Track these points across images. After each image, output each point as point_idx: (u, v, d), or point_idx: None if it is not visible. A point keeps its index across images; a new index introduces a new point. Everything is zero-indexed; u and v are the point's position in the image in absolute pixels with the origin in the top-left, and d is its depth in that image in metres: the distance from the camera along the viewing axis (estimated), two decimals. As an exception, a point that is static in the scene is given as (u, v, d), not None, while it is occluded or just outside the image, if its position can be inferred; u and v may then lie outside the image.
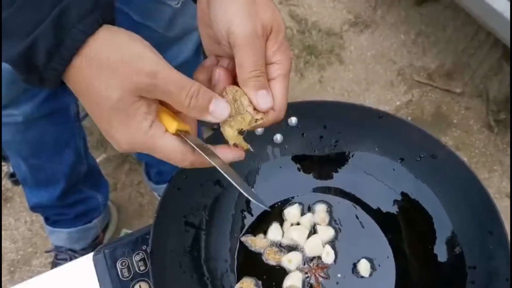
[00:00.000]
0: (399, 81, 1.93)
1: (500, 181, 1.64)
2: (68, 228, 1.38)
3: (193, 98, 0.47)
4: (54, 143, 1.18)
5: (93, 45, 0.45)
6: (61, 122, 1.17)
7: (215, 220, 0.71)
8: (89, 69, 0.45)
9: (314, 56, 2.01)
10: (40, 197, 1.30)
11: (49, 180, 1.25)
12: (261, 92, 0.50)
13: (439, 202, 0.68)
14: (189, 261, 0.66)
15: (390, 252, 0.69)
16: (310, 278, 0.68)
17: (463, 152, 1.71)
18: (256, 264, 0.69)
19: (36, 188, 1.28)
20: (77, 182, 1.29)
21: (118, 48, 0.45)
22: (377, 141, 0.73)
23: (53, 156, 1.21)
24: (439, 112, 1.84)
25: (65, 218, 1.37)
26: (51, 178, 1.25)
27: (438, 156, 0.69)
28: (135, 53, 0.45)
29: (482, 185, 0.62)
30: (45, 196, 1.29)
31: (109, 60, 0.44)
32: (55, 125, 1.16)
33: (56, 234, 1.40)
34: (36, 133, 1.13)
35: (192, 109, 0.47)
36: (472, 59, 1.96)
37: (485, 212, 0.61)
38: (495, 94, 1.84)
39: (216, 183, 0.72)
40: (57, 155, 1.21)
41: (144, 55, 0.45)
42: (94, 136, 1.79)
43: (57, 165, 1.23)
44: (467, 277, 0.61)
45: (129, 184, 1.70)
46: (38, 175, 1.24)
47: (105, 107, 0.45)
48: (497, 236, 0.59)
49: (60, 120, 1.16)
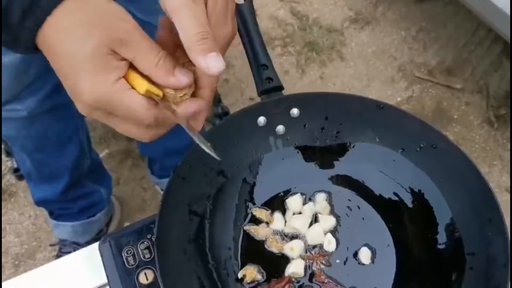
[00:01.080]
0: (399, 77, 1.95)
1: (500, 176, 1.65)
2: (72, 222, 1.39)
3: (161, 59, 0.47)
4: (57, 138, 1.19)
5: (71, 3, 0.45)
6: (65, 117, 1.18)
7: (219, 209, 0.72)
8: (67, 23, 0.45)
9: (315, 53, 2.02)
10: (44, 191, 1.31)
11: (53, 174, 1.26)
12: (211, 55, 0.46)
13: (439, 191, 0.69)
14: (194, 249, 0.67)
15: (390, 240, 0.70)
16: (312, 266, 0.69)
17: (463, 147, 1.71)
18: (259, 252, 0.70)
19: (40, 182, 1.30)
20: (80, 176, 1.31)
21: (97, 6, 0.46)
22: (378, 132, 0.74)
23: (56, 151, 1.22)
24: (439, 107, 1.85)
25: (69, 212, 1.38)
26: (54, 172, 1.26)
27: (438, 146, 0.70)
28: (116, 12, 0.47)
29: (481, 174, 0.63)
30: (49, 191, 1.30)
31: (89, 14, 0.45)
32: (59, 120, 1.17)
33: (60, 227, 1.41)
34: (40, 128, 1.14)
35: (159, 69, 0.47)
36: (472, 55, 1.97)
37: (484, 200, 0.62)
38: (495, 89, 1.85)
39: (220, 173, 0.74)
40: (60, 150, 1.22)
41: (124, 16, 0.47)
42: (97, 132, 1.80)
43: (61, 159, 1.24)
44: (466, 263, 0.62)
45: (132, 179, 1.72)
46: (42, 169, 1.26)
47: (76, 59, 0.45)
48: (496, 223, 0.60)
49: (63, 115, 1.17)
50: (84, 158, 1.28)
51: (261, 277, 0.68)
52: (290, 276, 0.68)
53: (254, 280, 0.68)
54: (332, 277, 0.68)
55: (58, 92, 1.09)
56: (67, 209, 1.37)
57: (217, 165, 0.73)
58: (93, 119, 0.52)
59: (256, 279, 0.68)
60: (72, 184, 1.29)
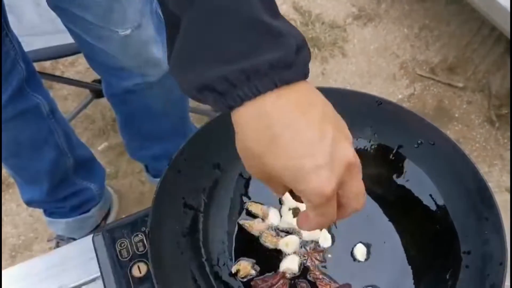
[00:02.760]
0: (401, 74, 1.93)
1: (500, 175, 1.64)
2: (65, 218, 1.38)
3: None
4: (30, 143, 1.15)
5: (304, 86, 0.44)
6: (34, 122, 1.13)
7: (214, 203, 0.71)
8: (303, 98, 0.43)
9: (317, 49, 2.01)
10: (31, 193, 1.28)
11: (33, 178, 1.23)
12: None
13: (437, 189, 0.68)
14: (188, 242, 0.67)
15: (387, 237, 0.70)
16: (307, 261, 0.68)
17: (463, 146, 1.71)
18: (254, 247, 0.70)
19: (25, 185, 1.28)
20: (66, 175, 1.27)
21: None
22: (375, 128, 0.73)
23: (32, 155, 1.17)
24: (441, 106, 1.84)
25: (61, 211, 1.37)
26: (34, 176, 1.22)
27: (436, 143, 0.69)
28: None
29: (479, 172, 0.63)
30: (36, 192, 1.27)
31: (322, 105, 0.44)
32: (28, 125, 1.12)
33: (54, 224, 1.40)
34: (10, 134, 1.10)
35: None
36: (475, 54, 1.95)
37: (481, 198, 0.62)
38: (497, 88, 1.84)
39: (216, 166, 0.73)
40: (36, 153, 1.18)
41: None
42: (96, 124, 1.80)
43: (38, 163, 1.19)
44: (461, 261, 0.61)
45: (130, 173, 1.71)
46: (21, 174, 1.23)
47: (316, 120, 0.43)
48: (492, 222, 0.59)
49: (32, 120, 1.12)
50: (64, 158, 1.24)
51: (255, 272, 0.68)
52: (284, 272, 0.67)
53: (248, 275, 0.67)
54: (326, 274, 0.67)
55: (19, 97, 1.04)
56: (58, 208, 1.35)
57: (213, 159, 0.72)
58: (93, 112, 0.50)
59: (250, 274, 0.67)
60: (57, 184, 1.26)
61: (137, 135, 1.39)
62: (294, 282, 0.67)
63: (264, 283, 0.66)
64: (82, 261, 0.80)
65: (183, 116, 1.37)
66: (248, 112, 0.42)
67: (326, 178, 0.41)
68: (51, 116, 1.16)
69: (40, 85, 1.13)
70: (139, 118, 1.31)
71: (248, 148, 0.44)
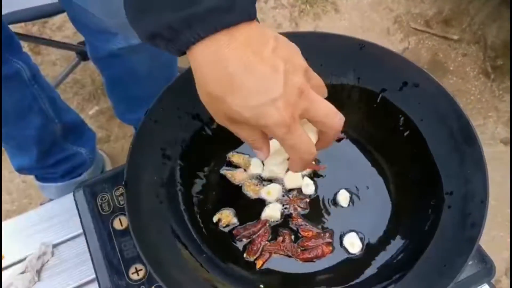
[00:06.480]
0: (395, 28, 1.89)
1: (495, 127, 1.62)
2: (57, 183, 1.37)
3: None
4: (14, 110, 1.12)
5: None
6: (16, 89, 1.09)
7: (194, 154, 0.70)
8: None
9: (309, 5, 1.96)
10: (21, 160, 1.28)
11: (22, 145, 1.22)
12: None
13: (420, 130, 0.67)
14: (167, 193, 0.65)
15: (370, 182, 0.68)
16: (289, 209, 0.67)
17: (458, 98, 1.68)
18: (236, 197, 0.69)
19: (14, 153, 1.26)
20: (55, 141, 1.26)
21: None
22: (359, 72, 0.71)
23: (18, 123, 1.15)
24: (435, 59, 1.81)
25: (53, 176, 1.36)
26: (22, 143, 1.21)
27: (420, 85, 0.67)
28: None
29: (461, 109, 0.61)
30: (25, 159, 1.26)
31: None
32: (10, 93, 1.08)
33: (46, 188, 1.39)
34: None
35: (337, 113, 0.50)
36: (470, 6, 1.91)
37: (463, 136, 0.60)
38: (493, 40, 1.80)
39: (195, 117, 0.71)
40: (22, 121, 1.15)
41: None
42: (86, 88, 1.77)
43: (25, 130, 1.18)
44: (444, 202, 0.60)
45: (122, 136, 1.70)
46: (9, 142, 1.22)
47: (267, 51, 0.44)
48: (475, 159, 0.58)
49: (13, 87, 1.08)
50: (51, 124, 1.21)
51: (236, 220, 0.67)
52: (266, 220, 0.66)
53: (230, 223, 0.66)
54: (309, 220, 0.66)
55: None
56: (49, 173, 1.35)
57: (192, 109, 0.70)
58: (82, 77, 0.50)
59: (231, 223, 0.67)
60: (46, 150, 1.25)
61: (124, 98, 1.37)
62: (276, 230, 0.66)
63: (245, 231, 0.65)
64: (66, 218, 0.80)
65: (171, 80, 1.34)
66: (203, 56, 0.44)
67: (283, 108, 0.43)
68: (33, 82, 1.13)
69: (20, 49, 1.10)
70: (126, 82, 1.28)
71: (209, 93, 0.45)
